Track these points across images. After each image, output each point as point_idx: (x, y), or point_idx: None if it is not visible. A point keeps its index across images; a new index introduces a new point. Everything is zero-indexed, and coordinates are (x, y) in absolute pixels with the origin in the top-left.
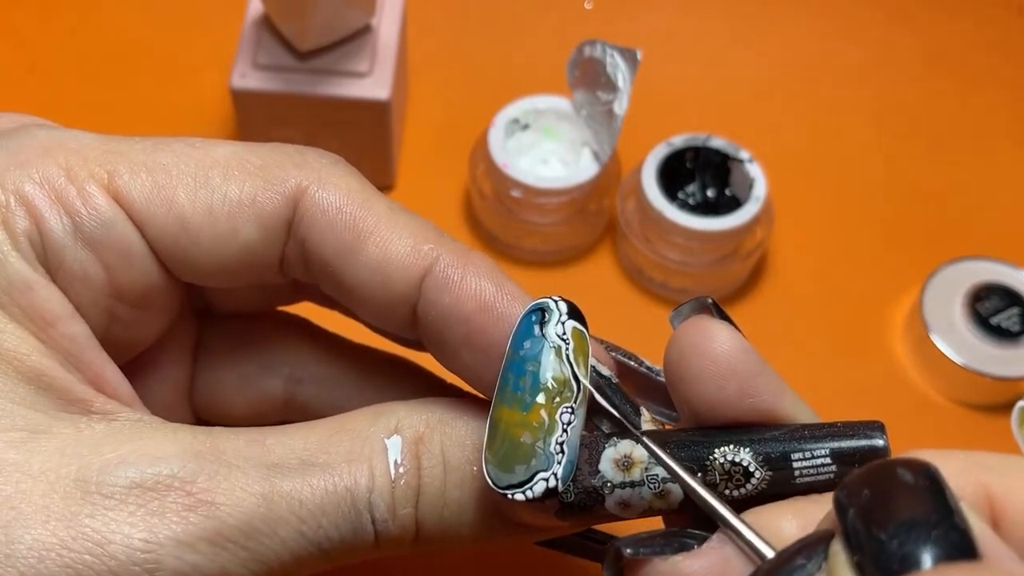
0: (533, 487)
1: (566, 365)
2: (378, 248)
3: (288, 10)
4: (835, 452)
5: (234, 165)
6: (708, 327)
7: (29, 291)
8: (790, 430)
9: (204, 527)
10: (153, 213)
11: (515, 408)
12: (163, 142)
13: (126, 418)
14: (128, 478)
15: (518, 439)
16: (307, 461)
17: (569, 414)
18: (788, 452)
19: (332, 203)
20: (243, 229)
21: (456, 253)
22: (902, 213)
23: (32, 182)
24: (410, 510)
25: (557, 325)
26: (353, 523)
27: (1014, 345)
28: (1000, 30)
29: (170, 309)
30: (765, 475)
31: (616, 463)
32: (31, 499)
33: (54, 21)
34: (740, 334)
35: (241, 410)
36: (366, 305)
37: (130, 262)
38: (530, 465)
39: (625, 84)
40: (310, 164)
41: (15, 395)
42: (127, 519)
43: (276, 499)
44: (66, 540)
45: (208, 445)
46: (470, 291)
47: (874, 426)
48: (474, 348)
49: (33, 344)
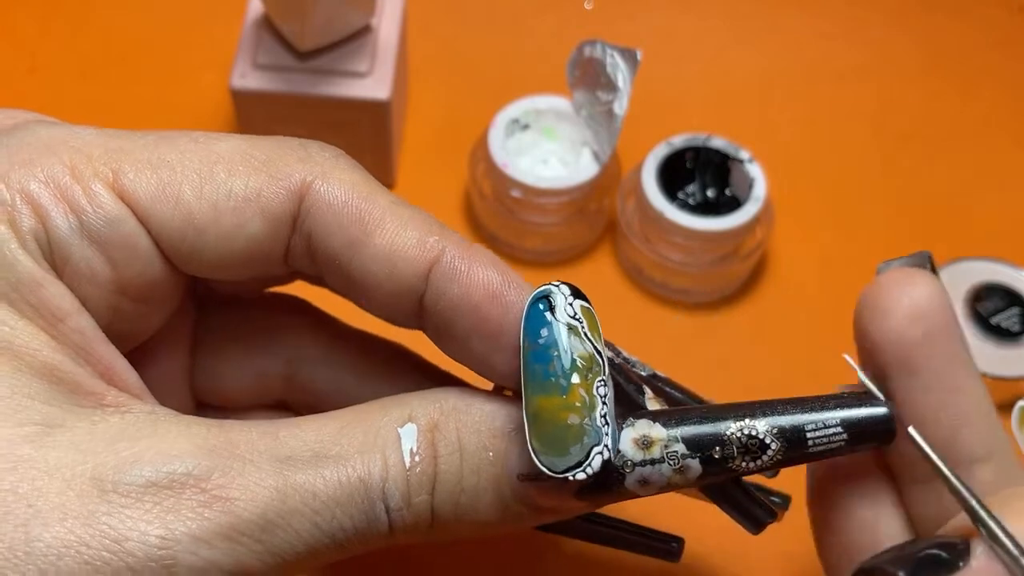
0: (592, 462)
1: (587, 342)
2: (385, 241)
3: (288, 10)
4: (845, 421)
5: (238, 160)
6: (915, 274)
7: (38, 288)
8: (798, 401)
9: (220, 523)
10: (159, 210)
11: (553, 394)
12: (166, 137)
13: (138, 411)
14: (144, 477)
15: (565, 422)
16: (320, 453)
17: (603, 386)
18: (801, 423)
19: (338, 197)
20: (249, 224)
21: (460, 245)
22: (902, 213)
23: (37, 181)
24: (425, 497)
25: (567, 308)
26: (367, 513)
27: (1014, 345)
28: (1000, 30)
29: (172, 301)
30: (780, 446)
31: (636, 442)
32: (48, 497)
33: (54, 21)
34: (944, 291)
35: (241, 391)
36: (372, 296)
37: (136, 259)
38: (583, 443)
39: (625, 84)
40: (313, 158)
41: (29, 390)
42: (143, 516)
43: (290, 492)
44: (84, 538)
45: (222, 439)
46: (478, 281)
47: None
48: (484, 335)
49: (44, 340)
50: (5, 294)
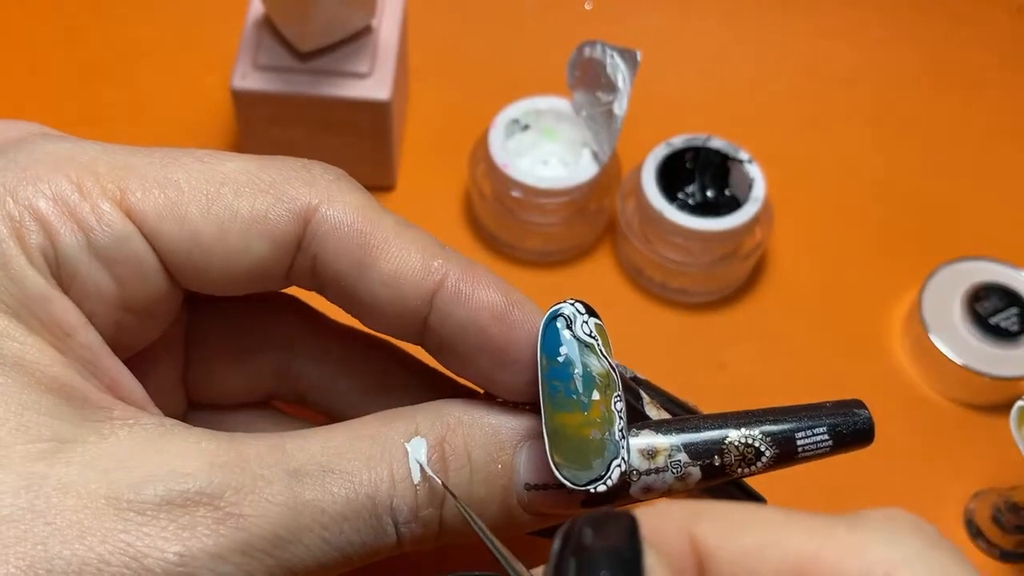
0: (611, 475)
1: (603, 359)
2: (390, 264)
3: (289, 11)
4: (831, 428)
5: (244, 181)
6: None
7: (47, 303)
8: (788, 411)
9: (234, 539)
10: (166, 229)
11: (575, 411)
12: (172, 156)
13: (147, 423)
14: (158, 495)
15: (587, 437)
16: (327, 468)
17: (620, 402)
18: (793, 432)
19: (343, 220)
20: (254, 245)
21: (463, 267)
22: (901, 213)
23: (45, 198)
24: (433, 511)
25: (583, 326)
26: (375, 528)
27: (1013, 345)
28: (999, 31)
29: (171, 314)
30: (773, 453)
31: (642, 452)
32: (64, 514)
33: (54, 21)
34: None
35: (232, 388)
36: (376, 317)
37: (141, 276)
38: (604, 457)
39: (625, 85)
40: (318, 181)
41: (40, 406)
42: (160, 534)
43: (300, 508)
44: (104, 555)
45: (232, 455)
46: (483, 303)
47: (857, 403)
48: (490, 354)
49: (53, 354)
50: (14, 309)
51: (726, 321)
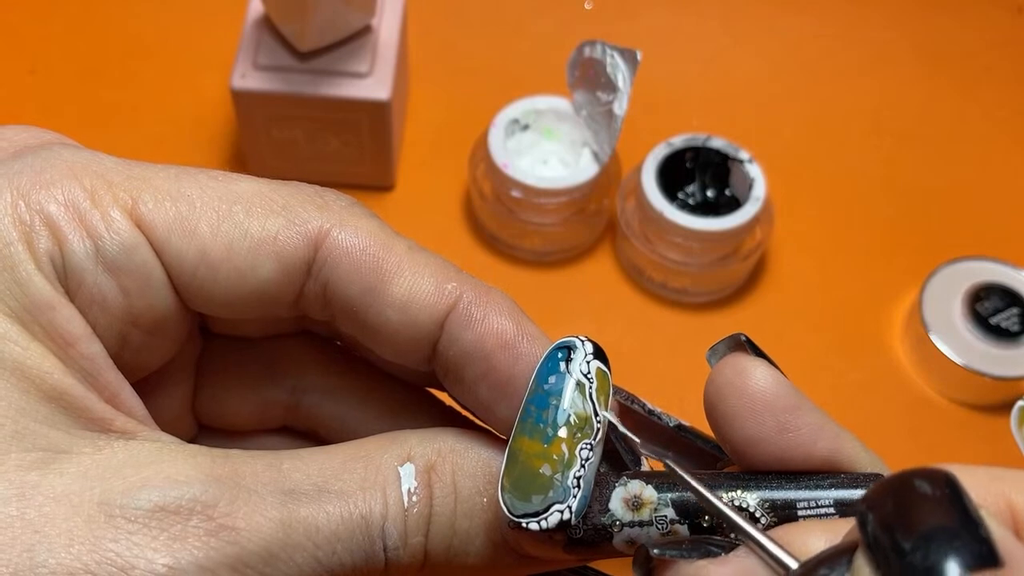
0: (548, 517)
1: (588, 403)
2: (403, 289)
3: (288, 11)
4: (839, 502)
5: (256, 202)
6: (742, 364)
7: (51, 310)
8: (795, 476)
9: (225, 552)
10: (174, 242)
11: (536, 440)
12: (186, 172)
13: (144, 438)
14: (151, 501)
15: (537, 470)
16: (323, 487)
17: (588, 450)
18: (793, 500)
19: (355, 245)
20: (263, 266)
21: (477, 291)
22: (901, 213)
23: (56, 203)
24: (421, 538)
25: (582, 363)
26: (366, 550)
27: (1013, 345)
28: (999, 30)
29: (179, 336)
30: (770, 521)
31: (626, 502)
32: (54, 522)
33: (54, 22)
34: (775, 369)
35: (244, 417)
36: (388, 343)
37: (148, 288)
38: (547, 496)
39: (625, 84)
40: (330, 206)
41: (36, 414)
42: (150, 544)
43: (293, 525)
44: (90, 564)
45: (228, 469)
46: (492, 329)
47: (876, 478)
48: (492, 384)
49: (54, 363)
50: (17, 314)
51: (726, 321)
